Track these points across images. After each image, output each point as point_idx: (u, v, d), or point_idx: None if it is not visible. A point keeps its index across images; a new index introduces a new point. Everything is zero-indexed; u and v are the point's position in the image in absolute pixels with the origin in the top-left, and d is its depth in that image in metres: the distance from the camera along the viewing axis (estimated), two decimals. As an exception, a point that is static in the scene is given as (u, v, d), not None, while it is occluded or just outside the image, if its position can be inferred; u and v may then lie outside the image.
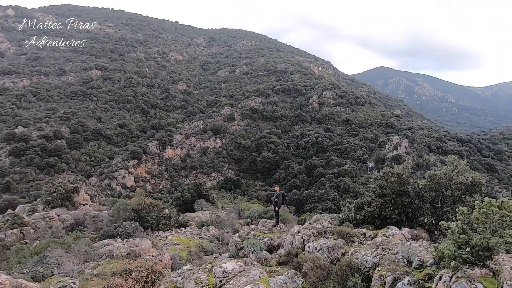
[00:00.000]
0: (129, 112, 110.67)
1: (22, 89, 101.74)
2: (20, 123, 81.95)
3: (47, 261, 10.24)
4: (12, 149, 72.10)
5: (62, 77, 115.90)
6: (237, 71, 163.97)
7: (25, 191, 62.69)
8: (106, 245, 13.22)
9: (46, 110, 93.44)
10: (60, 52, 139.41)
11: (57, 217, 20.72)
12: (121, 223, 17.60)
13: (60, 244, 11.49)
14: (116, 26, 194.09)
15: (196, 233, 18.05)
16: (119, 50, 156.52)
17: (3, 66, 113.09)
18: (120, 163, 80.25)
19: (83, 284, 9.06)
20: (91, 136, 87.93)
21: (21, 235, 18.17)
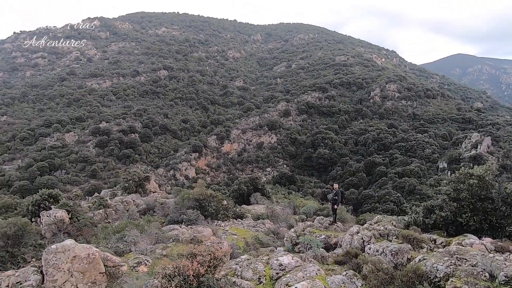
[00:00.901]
0: (191, 108, 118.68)
1: (105, 89, 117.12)
2: (103, 119, 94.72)
3: (126, 239, 11.77)
4: (98, 142, 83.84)
5: (136, 77, 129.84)
6: (293, 65, 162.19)
7: (107, 177, 72.50)
8: (173, 230, 14.53)
9: (123, 108, 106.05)
10: (134, 55, 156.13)
11: (133, 201, 23.49)
12: (185, 210, 19.15)
13: (136, 226, 13.05)
14: (180, 29, 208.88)
15: (252, 225, 18.60)
16: (183, 50, 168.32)
17: (91, 70, 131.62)
18: (183, 155, 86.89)
19: (155, 262, 10.17)
20: (159, 131, 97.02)
21: (105, 215, 21.11)
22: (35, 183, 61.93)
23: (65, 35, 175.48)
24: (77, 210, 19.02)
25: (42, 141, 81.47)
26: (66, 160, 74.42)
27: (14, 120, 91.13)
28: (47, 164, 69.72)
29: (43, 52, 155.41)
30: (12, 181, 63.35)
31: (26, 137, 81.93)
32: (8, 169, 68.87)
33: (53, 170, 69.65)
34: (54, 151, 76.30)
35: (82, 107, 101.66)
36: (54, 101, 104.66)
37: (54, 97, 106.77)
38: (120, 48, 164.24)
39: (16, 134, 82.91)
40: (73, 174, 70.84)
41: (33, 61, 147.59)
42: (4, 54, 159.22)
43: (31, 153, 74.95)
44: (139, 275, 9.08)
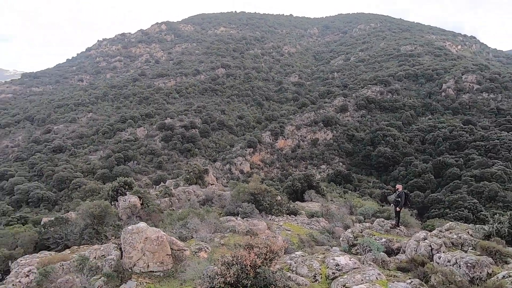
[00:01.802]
0: (247, 104, 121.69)
1: (170, 88, 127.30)
2: (168, 115, 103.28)
3: (188, 226, 12.76)
4: (163, 136, 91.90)
5: (196, 76, 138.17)
6: (352, 58, 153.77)
7: (171, 169, 79.10)
8: (229, 221, 15.22)
9: (185, 105, 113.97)
10: (195, 55, 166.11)
11: (193, 192, 25.21)
12: (241, 203, 19.87)
13: (197, 215, 14.03)
14: (238, 27, 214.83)
15: (306, 222, 18.40)
16: (239, 48, 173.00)
17: (158, 71, 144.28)
18: (238, 150, 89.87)
19: (214, 250, 10.84)
20: (216, 126, 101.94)
21: (170, 203, 23.09)
22: (113, 172, 70.94)
23: (138, 40, 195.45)
24: (147, 197, 21.22)
25: (118, 135, 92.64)
26: (137, 152, 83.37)
27: (97, 117, 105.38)
28: (123, 155, 79.11)
29: (119, 56, 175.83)
30: (95, 169, 73.63)
31: (107, 131, 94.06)
32: (92, 159, 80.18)
33: (127, 160, 78.76)
34: (128, 144, 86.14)
35: (150, 104, 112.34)
36: (128, 100, 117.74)
37: (128, 96, 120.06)
38: (183, 49, 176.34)
39: (99, 128, 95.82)
40: (143, 165, 79.04)
41: (112, 65, 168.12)
42: (90, 59, 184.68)
43: (110, 145, 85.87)
44: (200, 260, 9.78)
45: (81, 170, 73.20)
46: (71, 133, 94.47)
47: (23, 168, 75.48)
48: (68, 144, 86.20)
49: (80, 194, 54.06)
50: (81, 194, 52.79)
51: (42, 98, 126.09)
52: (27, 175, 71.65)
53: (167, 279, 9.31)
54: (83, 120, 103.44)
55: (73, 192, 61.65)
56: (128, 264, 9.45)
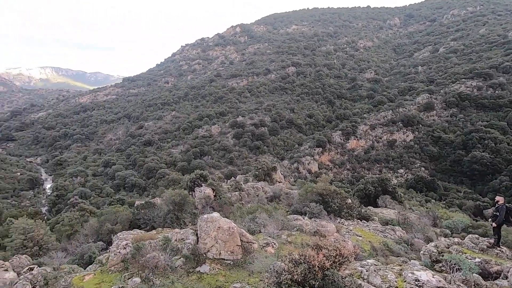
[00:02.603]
0: (317, 103, 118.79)
1: (242, 88, 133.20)
2: (240, 113, 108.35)
3: (256, 221, 13.22)
4: (235, 133, 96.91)
5: (267, 75, 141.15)
6: (441, 49, 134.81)
7: (241, 165, 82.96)
8: (296, 220, 15.17)
9: (256, 103, 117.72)
10: (267, 55, 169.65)
11: (261, 188, 25.91)
12: (308, 203, 19.58)
13: (265, 210, 14.41)
14: (309, 24, 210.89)
15: (380, 229, 17.03)
16: (311, 46, 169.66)
17: (232, 71, 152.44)
18: (307, 150, 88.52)
19: (281, 246, 10.98)
20: (285, 125, 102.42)
21: (239, 197, 24.22)
22: (190, 164, 78.17)
23: (215, 43, 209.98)
24: (220, 189, 22.74)
25: (196, 131, 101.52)
26: (212, 148, 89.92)
27: (179, 115, 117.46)
28: (199, 150, 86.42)
29: (199, 59, 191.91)
30: (176, 162, 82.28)
31: (186, 128, 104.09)
32: (174, 152, 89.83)
33: (202, 155, 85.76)
34: (204, 140, 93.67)
35: (224, 103, 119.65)
36: (205, 99, 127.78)
37: (205, 95, 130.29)
38: (255, 50, 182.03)
39: (180, 125, 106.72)
40: (216, 160, 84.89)
41: (192, 67, 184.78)
42: (175, 63, 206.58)
43: (189, 141, 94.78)
44: (267, 254, 10.04)
45: (165, 162, 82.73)
46: (158, 129, 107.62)
47: (122, 158, 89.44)
48: (156, 139, 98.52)
49: (164, 183, 61.33)
50: (165, 183, 59.80)
51: (137, 99, 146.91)
52: (124, 164, 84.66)
53: (236, 268, 9.83)
54: (168, 117, 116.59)
55: (159, 180, 70.26)
56: (203, 249, 10.32)
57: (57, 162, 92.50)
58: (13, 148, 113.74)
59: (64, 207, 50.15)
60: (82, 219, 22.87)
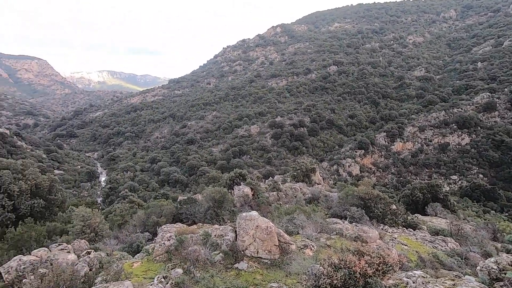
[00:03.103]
0: (359, 103, 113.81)
1: (281, 88, 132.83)
2: (279, 113, 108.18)
3: (294, 222, 13.10)
4: (273, 133, 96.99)
5: (307, 75, 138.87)
6: (506, 43, 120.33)
7: (278, 165, 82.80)
8: (336, 223, 14.71)
9: (295, 103, 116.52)
10: (307, 54, 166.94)
11: (300, 189, 25.58)
12: (349, 207, 18.86)
13: (304, 212, 14.21)
14: (353, 21, 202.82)
15: (428, 239, 15.78)
16: (354, 43, 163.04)
17: (272, 71, 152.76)
18: (347, 151, 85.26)
19: (319, 249, 10.75)
20: (325, 125, 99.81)
21: (277, 197, 24.19)
22: (230, 163, 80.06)
23: (255, 44, 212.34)
24: (258, 189, 22.94)
25: (235, 131, 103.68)
26: (250, 148, 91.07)
27: (220, 115, 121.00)
28: (238, 149, 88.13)
29: (240, 61, 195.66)
30: (216, 160, 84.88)
31: (226, 127, 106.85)
32: (214, 151, 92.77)
33: (241, 154, 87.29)
34: (243, 139, 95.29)
35: (263, 103, 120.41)
36: (245, 99, 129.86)
37: (245, 96, 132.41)
38: (296, 49, 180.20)
39: (220, 125, 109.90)
40: (254, 159, 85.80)
41: (233, 68, 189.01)
42: (217, 65, 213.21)
43: (229, 140, 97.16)
44: (305, 257, 9.89)
45: (206, 160, 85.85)
46: (200, 128, 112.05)
47: (166, 155, 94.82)
48: (197, 138, 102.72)
49: (204, 180, 63.67)
50: (205, 180, 62.02)
51: (181, 99, 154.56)
52: (168, 161, 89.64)
53: (273, 268, 9.85)
54: (209, 117, 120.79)
55: (199, 178, 73.16)
56: (241, 247, 10.52)
57: (110, 158, 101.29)
58: (75, 143, 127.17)
59: (116, 198, 54.73)
60: (131, 210, 24.72)
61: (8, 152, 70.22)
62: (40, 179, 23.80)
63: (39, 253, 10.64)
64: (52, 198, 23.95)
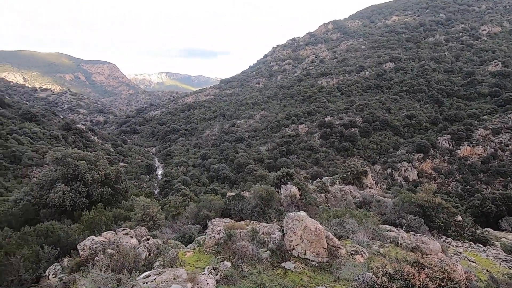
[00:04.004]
0: (419, 102, 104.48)
1: (332, 86, 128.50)
2: (328, 113, 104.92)
3: (344, 226, 12.58)
4: (322, 133, 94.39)
5: (360, 73, 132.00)
6: None
7: (327, 166, 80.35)
8: (390, 231, 13.74)
9: (346, 103, 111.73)
10: (361, 51, 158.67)
11: (350, 192, 24.51)
12: (405, 214, 17.47)
13: (354, 216, 13.56)
14: (414, 13, 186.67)
15: (503, 258, 13.82)
16: (415, 37, 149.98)
17: (322, 70, 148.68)
18: (404, 155, 78.97)
19: (371, 257, 10.17)
20: (379, 126, 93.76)
21: (325, 199, 23.53)
22: (276, 162, 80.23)
23: (305, 43, 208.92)
24: (305, 189, 22.58)
25: (283, 130, 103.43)
26: (298, 147, 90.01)
27: (268, 114, 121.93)
28: (285, 149, 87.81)
29: (289, 60, 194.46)
30: (264, 159, 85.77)
31: (274, 126, 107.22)
32: (262, 150, 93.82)
33: (288, 154, 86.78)
34: (290, 139, 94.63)
35: (312, 103, 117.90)
36: (293, 98, 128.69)
37: (294, 95, 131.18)
38: (348, 46, 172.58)
39: (268, 124, 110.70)
40: (302, 159, 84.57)
41: (282, 67, 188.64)
42: (266, 64, 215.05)
43: (276, 139, 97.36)
44: (356, 263, 9.44)
45: (253, 158, 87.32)
46: (248, 127, 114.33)
47: (216, 152, 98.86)
48: (246, 136, 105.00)
49: (251, 178, 64.90)
50: (253, 178, 63.19)
51: (231, 99, 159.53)
52: (218, 158, 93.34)
53: (321, 271, 9.60)
54: (257, 116, 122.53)
55: (247, 175, 74.75)
56: (288, 246, 10.46)
57: (166, 153, 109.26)
58: (137, 139, 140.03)
59: (170, 191, 58.86)
60: (184, 203, 26.36)
61: (83, 145, 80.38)
62: (109, 170, 26.76)
63: (107, 235, 11.99)
64: (117, 187, 26.76)
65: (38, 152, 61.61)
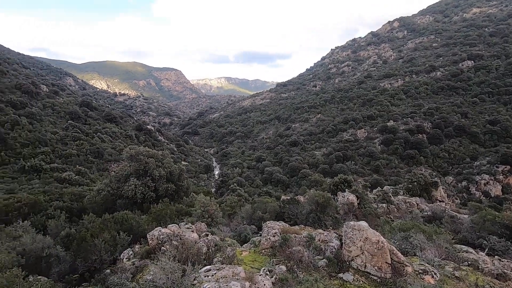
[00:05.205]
0: (505, 106, 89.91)
1: (396, 89, 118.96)
2: (391, 117, 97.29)
3: (411, 241, 11.45)
4: (383, 139, 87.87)
5: (431, 73, 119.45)
6: None
7: (388, 174, 74.41)
8: (467, 252, 12.08)
9: (412, 106, 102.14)
10: (432, 49, 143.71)
11: (416, 205, 22.30)
12: (486, 235, 15.18)
13: (423, 231, 12.27)
14: (501, 3, 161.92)
15: None
16: (501, 31, 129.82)
17: (385, 71, 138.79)
18: (484, 166, 68.64)
19: (444, 279, 9.07)
20: (452, 133, 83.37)
21: (387, 210, 21.84)
22: (332, 168, 77.35)
23: (367, 43, 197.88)
24: (365, 198, 21.27)
25: (340, 135, 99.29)
26: (356, 153, 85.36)
27: (324, 118, 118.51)
28: (342, 154, 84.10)
29: (348, 61, 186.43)
30: (318, 164, 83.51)
31: (330, 131, 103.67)
32: (317, 154, 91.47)
33: (345, 159, 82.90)
34: (347, 144, 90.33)
35: (373, 106, 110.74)
36: (352, 102, 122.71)
37: (353, 98, 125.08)
38: (416, 45, 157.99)
39: (324, 128, 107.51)
40: (360, 166, 79.91)
41: (341, 70, 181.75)
42: (324, 67, 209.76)
43: (332, 144, 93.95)
44: (425, 284, 8.53)
45: (308, 163, 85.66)
46: (304, 130, 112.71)
47: (270, 155, 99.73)
48: (300, 140, 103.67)
49: (306, 183, 63.73)
50: (307, 182, 61.99)
51: (287, 102, 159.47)
52: (272, 161, 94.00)
53: (383, 287, 8.92)
54: (313, 120, 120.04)
55: (301, 180, 73.64)
56: (347, 257, 9.96)
57: (223, 154, 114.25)
58: (197, 140, 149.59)
59: (226, 191, 61.31)
60: (239, 203, 27.18)
61: (152, 144, 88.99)
62: (173, 168, 29.08)
63: (172, 228, 13.01)
64: (180, 184, 28.89)
65: (116, 149, 70.28)
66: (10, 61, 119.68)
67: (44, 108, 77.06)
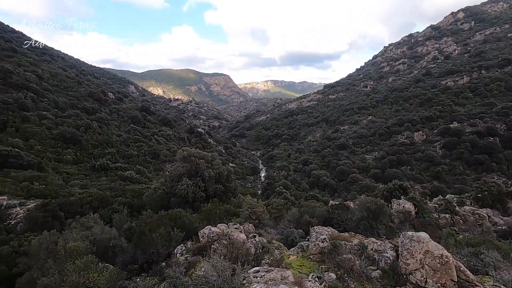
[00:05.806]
0: None
1: (461, 86, 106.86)
2: (455, 118, 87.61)
3: (482, 258, 10.13)
4: (446, 142, 79.45)
5: (505, 68, 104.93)
6: None
7: (451, 182, 66.98)
8: (556, 276, 10.23)
9: (482, 106, 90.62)
10: (506, 40, 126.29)
11: (488, 217, 19.75)
12: None
13: (497, 247, 10.76)
14: None
15: None
16: None
17: (447, 67, 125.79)
18: None
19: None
20: (534, 135, 71.81)
21: (451, 221, 19.69)
22: (384, 173, 72.42)
23: (425, 38, 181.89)
24: (424, 207, 19.46)
25: (394, 138, 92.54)
26: (412, 158, 78.63)
27: (376, 119, 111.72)
28: (396, 158, 78.23)
29: (403, 59, 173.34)
30: (369, 168, 78.93)
31: (383, 133, 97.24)
32: (368, 158, 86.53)
33: (400, 164, 76.90)
34: (403, 147, 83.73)
35: (433, 106, 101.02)
36: (408, 102, 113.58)
37: (409, 98, 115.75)
38: (486, 36, 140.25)
39: (376, 130, 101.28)
40: (417, 172, 73.35)
41: (395, 68, 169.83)
42: (376, 66, 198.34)
43: (385, 147, 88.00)
44: (501, 308, 7.46)
45: (357, 167, 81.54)
46: (353, 133, 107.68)
47: (317, 158, 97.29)
48: (350, 143, 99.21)
49: (356, 188, 60.69)
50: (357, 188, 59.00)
51: (335, 104, 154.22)
52: (319, 164, 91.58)
53: (447, 308, 8.03)
54: (364, 122, 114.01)
55: (350, 185, 70.37)
56: (404, 270, 9.22)
57: (269, 156, 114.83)
58: (244, 142, 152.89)
59: (272, 193, 61.42)
60: (285, 206, 26.99)
61: (202, 146, 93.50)
62: (222, 169, 30.13)
63: (221, 227, 13.47)
64: (228, 185, 29.79)
65: (170, 151, 75.45)
66: (84, 73, 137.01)
67: (111, 113, 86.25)
